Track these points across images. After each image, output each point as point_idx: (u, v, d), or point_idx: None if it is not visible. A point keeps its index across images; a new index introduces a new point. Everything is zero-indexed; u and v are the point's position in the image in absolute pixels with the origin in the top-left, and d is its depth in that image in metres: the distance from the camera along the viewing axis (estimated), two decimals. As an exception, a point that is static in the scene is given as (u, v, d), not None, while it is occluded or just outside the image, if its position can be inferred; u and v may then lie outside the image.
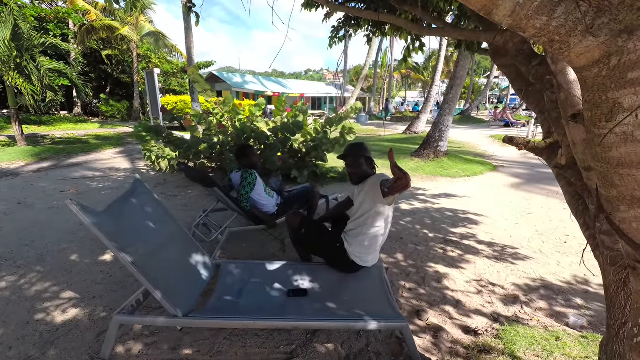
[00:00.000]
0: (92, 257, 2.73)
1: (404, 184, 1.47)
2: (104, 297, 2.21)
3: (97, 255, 2.77)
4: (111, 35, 14.44)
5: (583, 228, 1.17)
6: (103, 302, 2.15)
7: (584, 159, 0.92)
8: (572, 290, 2.41)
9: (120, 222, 1.61)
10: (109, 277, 2.44)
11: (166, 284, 1.62)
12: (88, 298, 2.19)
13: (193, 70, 5.10)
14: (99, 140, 9.17)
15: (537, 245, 3.19)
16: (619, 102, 0.55)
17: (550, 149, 1.34)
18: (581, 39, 0.53)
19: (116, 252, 1.46)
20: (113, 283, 2.36)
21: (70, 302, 2.15)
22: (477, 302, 2.27)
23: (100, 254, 2.77)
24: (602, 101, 0.56)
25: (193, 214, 3.79)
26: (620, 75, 0.53)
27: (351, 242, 2.04)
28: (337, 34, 3.34)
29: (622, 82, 0.53)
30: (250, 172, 2.78)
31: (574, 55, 0.55)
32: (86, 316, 2.00)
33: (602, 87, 0.56)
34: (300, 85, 25.78)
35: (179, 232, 2.02)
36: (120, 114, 16.75)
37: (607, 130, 0.58)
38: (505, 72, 1.73)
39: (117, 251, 1.47)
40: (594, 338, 1.86)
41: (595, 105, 0.58)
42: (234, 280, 2.03)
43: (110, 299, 2.18)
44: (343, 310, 1.75)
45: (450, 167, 6.71)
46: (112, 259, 2.71)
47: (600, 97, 0.56)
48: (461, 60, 7.34)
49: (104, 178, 5.44)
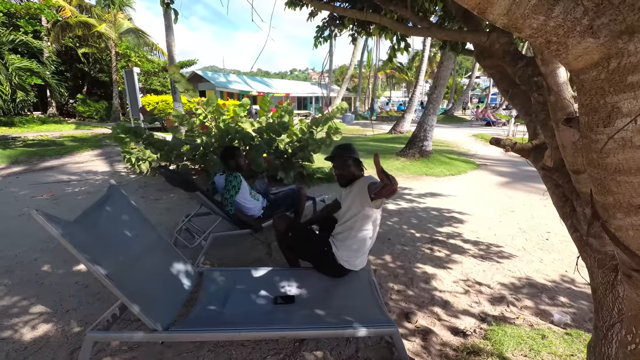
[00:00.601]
0: (66, 268, 2.58)
1: (390, 190, 1.43)
2: (78, 310, 2.08)
3: (71, 265, 2.62)
4: (87, 33, 13.88)
5: (570, 230, 1.17)
6: (77, 315, 2.02)
7: (573, 161, 0.91)
8: (555, 288, 2.45)
9: (93, 231, 1.50)
10: (85, 288, 2.31)
11: (144, 297, 1.53)
12: (61, 312, 2.06)
13: (174, 69, 4.93)
14: (75, 142, 8.77)
15: (520, 243, 3.25)
16: (618, 107, 0.52)
17: (536, 151, 1.33)
18: (580, 40, 0.50)
19: (88, 265, 1.36)
20: (89, 295, 2.23)
21: (40, 317, 2.01)
22: (464, 302, 2.28)
23: (74, 264, 2.62)
24: (600, 105, 0.54)
25: (176, 219, 3.66)
26: (620, 78, 0.50)
27: (339, 245, 2.00)
28: (322, 34, 3.29)
29: (622, 86, 0.51)
30: (235, 175, 2.69)
31: (572, 57, 0.52)
32: (58, 332, 1.88)
33: (600, 91, 0.53)
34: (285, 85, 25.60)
35: (158, 240, 1.93)
36: (98, 115, 16.12)
37: (604, 136, 0.56)
38: (490, 73, 1.72)
39: (90, 264, 1.37)
40: (577, 335, 1.89)
41: (592, 109, 0.55)
42: (218, 288, 1.95)
43: (86, 312, 2.05)
44: (332, 316, 1.71)
45: (435, 166, 6.79)
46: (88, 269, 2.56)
47: (598, 101, 0.54)
48: (444, 61, 7.44)
49: (81, 182, 5.20)
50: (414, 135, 7.73)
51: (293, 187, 3.39)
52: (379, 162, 1.43)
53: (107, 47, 15.22)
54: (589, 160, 0.62)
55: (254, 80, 23.92)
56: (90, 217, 1.54)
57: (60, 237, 1.30)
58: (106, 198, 1.69)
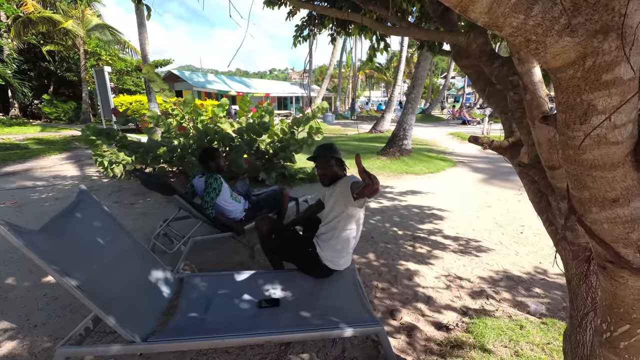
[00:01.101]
0: (33, 279, 2.41)
1: (372, 189, 1.44)
2: (47, 324, 1.95)
3: (38, 276, 2.45)
4: (52, 30, 13.10)
5: (546, 224, 1.21)
6: (46, 330, 1.90)
7: (549, 158, 0.94)
8: (531, 280, 2.56)
9: (62, 240, 1.41)
10: (54, 300, 2.17)
11: (120, 307, 1.46)
12: (28, 327, 1.92)
13: (148, 68, 4.74)
14: (41, 145, 8.26)
15: (497, 237, 3.37)
16: (593, 104, 0.54)
17: (512, 148, 1.38)
18: (557, 39, 0.51)
19: (57, 277, 1.28)
20: (59, 307, 2.09)
21: (5, 333, 1.87)
22: (446, 297, 2.33)
23: (42, 275, 2.46)
24: (577, 103, 0.55)
25: (153, 224, 3.52)
26: (595, 77, 0.52)
27: (323, 246, 1.98)
28: (301, 33, 3.27)
29: (597, 84, 0.52)
30: (215, 177, 2.62)
31: (550, 56, 0.53)
32: (25, 349, 1.75)
33: (576, 89, 0.54)
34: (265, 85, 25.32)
35: (134, 246, 1.84)
36: (66, 116, 15.25)
37: (581, 133, 0.57)
38: (467, 73, 1.76)
39: (59, 275, 1.28)
40: (552, 323, 1.98)
41: (569, 107, 0.57)
42: (200, 294, 1.89)
43: (56, 327, 1.93)
44: (317, 318, 1.69)
45: (415, 165, 6.93)
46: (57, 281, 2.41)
47: (575, 99, 0.55)
48: (421, 61, 7.61)
49: (48, 188, 4.90)
50: (394, 134, 7.86)
51: (275, 188, 3.35)
52: (361, 162, 1.44)
53: (75, 44, 14.44)
54: (565, 157, 0.64)
55: (233, 80, 23.49)
56: (58, 224, 1.44)
57: (23, 247, 1.21)
58: (76, 204, 1.59)
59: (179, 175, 5.45)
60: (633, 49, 0.49)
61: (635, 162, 0.58)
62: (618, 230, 0.64)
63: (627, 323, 0.71)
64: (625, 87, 0.52)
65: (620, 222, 0.62)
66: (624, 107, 0.52)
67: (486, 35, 1.32)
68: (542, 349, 1.72)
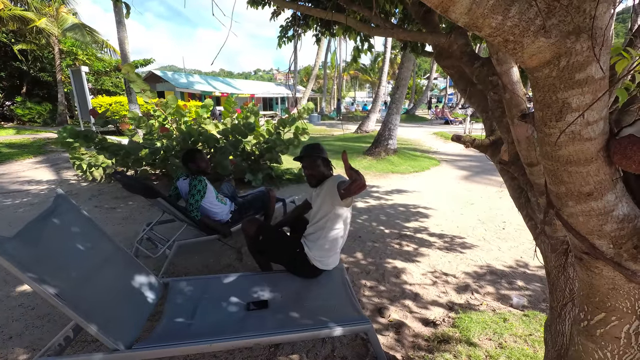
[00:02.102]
0: (7, 289, 2.30)
1: (359, 185, 1.45)
2: (23, 335, 1.86)
3: (13, 286, 2.34)
4: (24, 28, 12.54)
5: (526, 219, 1.26)
6: (23, 342, 1.81)
7: (527, 155, 0.97)
8: (513, 273, 2.64)
9: (38, 247, 1.35)
10: (31, 310, 2.07)
11: (102, 315, 1.41)
12: (2, 339, 1.83)
13: (128, 68, 4.60)
14: (13, 149, 7.88)
15: (480, 233, 3.46)
16: (568, 102, 0.56)
17: (493, 146, 1.42)
18: (534, 40, 0.53)
19: (34, 285, 1.22)
20: (36, 317, 2.00)
21: (-23, 347, 1.77)
22: (433, 293, 2.37)
23: (17, 285, 2.35)
24: (553, 101, 0.58)
25: (136, 228, 3.42)
26: (569, 75, 0.54)
27: (311, 246, 1.98)
28: (285, 34, 3.26)
29: (571, 83, 0.54)
30: (199, 178, 2.57)
31: (527, 55, 0.55)
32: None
33: (552, 88, 0.57)
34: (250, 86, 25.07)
35: (116, 251, 1.78)
36: (41, 118, 14.61)
37: (557, 130, 0.60)
38: (449, 73, 1.80)
39: (36, 283, 1.22)
40: (534, 315, 2.05)
41: (545, 105, 0.59)
42: (185, 299, 1.85)
43: (33, 337, 1.84)
44: (307, 318, 1.69)
45: (400, 164, 7.03)
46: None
47: (551, 98, 0.58)
48: (405, 62, 7.73)
49: (22, 193, 4.68)
50: (379, 134, 7.95)
51: (262, 189, 3.32)
52: (347, 160, 1.45)
53: (49, 43, 13.86)
54: (543, 153, 0.67)
55: (217, 80, 23.14)
56: (34, 230, 1.38)
57: (-3, 255, 1.15)
58: (53, 209, 1.53)
59: (162, 177, 5.33)
60: (603, 49, 0.52)
61: (607, 157, 0.61)
62: (592, 223, 0.67)
63: (603, 311, 0.75)
64: (597, 85, 0.54)
65: (594, 214, 0.66)
66: (596, 105, 0.55)
67: (467, 36, 1.36)
68: (525, 341, 1.78)
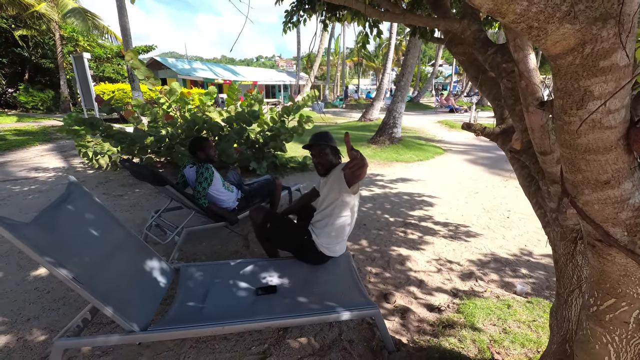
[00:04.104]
0: (22, 273, 2.36)
1: (358, 164, 1.45)
2: (41, 318, 1.93)
3: (28, 270, 2.40)
4: (24, 13, 12.38)
5: (535, 207, 1.26)
6: (40, 323, 1.88)
7: (541, 143, 0.97)
8: (517, 261, 2.67)
9: (54, 233, 1.38)
10: (46, 293, 2.14)
11: (118, 298, 1.45)
12: (20, 322, 1.89)
13: (131, 54, 4.56)
14: (19, 136, 7.93)
15: (485, 222, 3.47)
16: (590, 90, 0.56)
17: (504, 134, 1.41)
18: (558, 26, 0.52)
19: (52, 269, 1.26)
20: (52, 300, 2.07)
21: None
22: (437, 280, 2.41)
23: (32, 269, 2.41)
24: (574, 89, 0.58)
25: (144, 215, 3.47)
26: (593, 63, 0.54)
27: (319, 233, 2.01)
28: (290, 19, 3.21)
29: (594, 71, 0.54)
30: (206, 166, 2.59)
31: (551, 42, 0.55)
32: (20, 343, 1.73)
33: (574, 75, 0.56)
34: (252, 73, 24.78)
35: (129, 237, 1.82)
36: (44, 105, 14.59)
37: (577, 118, 0.60)
38: (459, 59, 1.78)
39: (53, 267, 1.26)
40: (537, 302, 2.08)
41: (567, 93, 0.59)
42: (197, 283, 1.89)
43: (50, 320, 1.91)
44: (314, 303, 1.73)
45: (405, 152, 7.00)
46: (49, 273, 2.37)
47: (572, 85, 0.57)
48: (411, 48, 7.58)
49: (30, 180, 4.73)
50: (384, 122, 7.88)
51: (268, 177, 3.34)
52: (349, 141, 1.45)
53: (50, 29, 13.70)
54: (561, 141, 0.67)
55: (219, 67, 22.90)
56: (49, 217, 1.41)
57: (15, 239, 1.18)
58: (66, 196, 1.55)
59: (167, 165, 5.36)
60: (629, 36, 0.51)
61: (627, 146, 0.61)
62: (608, 211, 0.67)
63: (613, 297, 0.76)
64: (621, 73, 0.54)
65: (610, 202, 0.66)
66: (619, 93, 0.55)
67: (480, 22, 1.34)
68: (528, 326, 1.82)
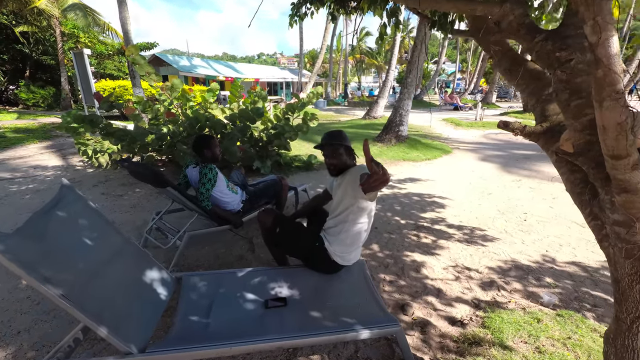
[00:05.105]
0: (13, 281, 2.22)
1: (379, 180, 1.20)
2: (32, 330, 1.78)
3: (18, 278, 2.24)
4: (24, 9, 12.22)
5: (589, 218, 1.10)
6: (31, 337, 1.73)
7: (615, 145, 0.81)
8: (540, 269, 2.50)
9: (42, 243, 1.23)
10: (37, 304, 1.99)
11: (113, 315, 1.30)
12: (10, 334, 1.75)
13: (132, 49, 4.40)
14: (18, 134, 7.80)
15: (501, 225, 3.31)
16: None
17: (547, 134, 1.25)
18: None
19: (38, 286, 1.11)
20: (43, 312, 1.92)
21: (-16, 343, 1.70)
22: (456, 289, 2.25)
23: (25, 275, 2.27)
24: None
25: (144, 216, 3.33)
26: None
27: (332, 240, 1.85)
28: (297, 12, 3.04)
29: None
30: (210, 167, 2.44)
31: None
32: (9, 358, 1.59)
33: None
34: (254, 70, 24.57)
35: (126, 245, 1.67)
36: (45, 102, 14.45)
37: None
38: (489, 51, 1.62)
39: (40, 284, 1.11)
40: (568, 315, 1.92)
41: None
42: (200, 295, 1.75)
43: (41, 332, 1.77)
44: (329, 319, 1.58)
45: (412, 151, 6.83)
46: (42, 280, 2.22)
47: None
48: (418, 44, 7.39)
49: (28, 179, 4.60)
50: (390, 120, 7.71)
51: (273, 177, 3.18)
52: (369, 150, 1.24)
53: (50, 25, 13.54)
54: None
55: (220, 64, 22.70)
56: (37, 225, 1.26)
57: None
58: (57, 201, 1.40)
59: (169, 164, 5.21)
60: None
61: None
62: None
63: None
64: None
65: None
66: None
67: (525, 5, 1.17)
68: (564, 345, 1.66)
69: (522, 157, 6.46)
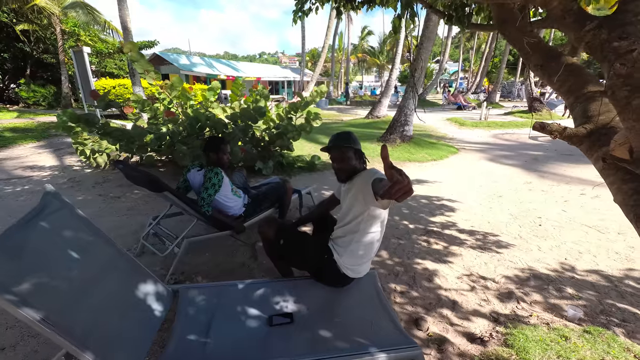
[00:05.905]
0: (1, 291, 2.09)
1: (402, 189, 0.96)
2: (17, 347, 1.65)
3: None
4: (24, 6, 12.10)
5: (645, 234, 0.96)
6: (17, 356, 1.60)
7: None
8: (560, 279, 2.35)
9: (20, 259, 1.09)
10: (25, 317, 1.86)
11: (101, 338, 1.16)
12: (-7, 352, 1.62)
13: (130, 46, 4.26)
14: (15, 133, 7.68)
15: (515, 230, 3.16)
16: None
17: (592, 137, 1.11)
18: None
19: (13, 310, 0.97)
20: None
21: (-36, 362, 1.57)
22: (473, 301, 2.11)
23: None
24: None
25: (141, 219, 3.19)
26: None
27: (341, 252, 1.71)
28: (302, 7, 2.90)
29: None
30: (215, 171, 2.29)
31: None
32: (-12, 382, 1.46)
33: None
34: (255, 69, 24.40)
35: (117, 256, 1.52)
36: (45, 101, 14.34)
37: None
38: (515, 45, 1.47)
39: (15, 307, 0.97)
40: (597, 332, 1.77)
41: None
42: (198, 310, 1.61)
43: (28, 350, 1.63)
44: (340, 338, 1.44)
45: (417, 152, 6.68)
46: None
47: None
48: (424, 42, 7.23)
49: (23, 180, 4.47)
50: (395, 120, 7.55)
51: (276, 179, 3.04)
52: (388, 156, 1.03)
53: (51, 23, 13.42)
54: None
55: (221, 63, 22.56)
56: (14, 239, 1.12)
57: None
58: (38, 210, 1.26)
59: (168, 164, 5.08)
60: None
61: None
62: None
63: None
64: None
65: None
66: None
67: (571, -11, 1.02)
68: (598, 368, 1.51)
69: (531, 159, 6.29)
